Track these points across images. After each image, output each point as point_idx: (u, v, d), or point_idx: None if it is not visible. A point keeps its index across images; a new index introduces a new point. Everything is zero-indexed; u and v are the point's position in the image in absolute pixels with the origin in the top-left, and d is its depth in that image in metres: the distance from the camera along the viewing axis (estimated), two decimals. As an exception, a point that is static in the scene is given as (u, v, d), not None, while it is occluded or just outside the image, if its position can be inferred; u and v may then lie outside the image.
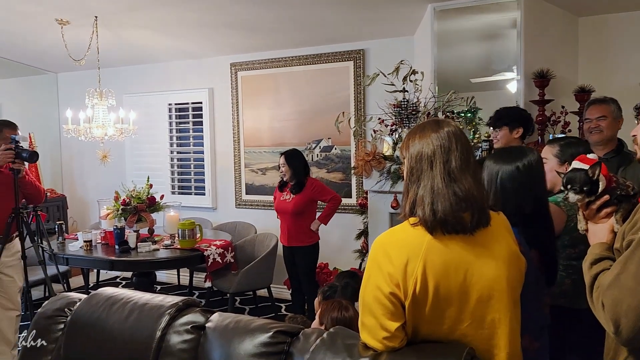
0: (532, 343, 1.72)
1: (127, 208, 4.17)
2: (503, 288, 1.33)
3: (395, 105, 3.71)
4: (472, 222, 1.30)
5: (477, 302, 1.31)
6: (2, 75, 6.08)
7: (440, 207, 1.28)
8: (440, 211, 1.28)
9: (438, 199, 1.29)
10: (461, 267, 1.30)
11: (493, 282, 1.32)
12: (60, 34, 4.43)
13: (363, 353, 1.31)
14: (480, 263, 1.31)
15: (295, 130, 5.07)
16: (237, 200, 5.45)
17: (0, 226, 3.27)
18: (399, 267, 1.27)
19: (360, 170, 3.75)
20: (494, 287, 1.32)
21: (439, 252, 1.29)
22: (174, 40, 4.91)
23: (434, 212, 1.28)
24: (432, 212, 1.28)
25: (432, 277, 1.27)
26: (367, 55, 4.71)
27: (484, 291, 1.31)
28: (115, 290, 1.85)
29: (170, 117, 5.75)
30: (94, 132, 4.36)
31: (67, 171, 6.49)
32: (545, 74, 3.54)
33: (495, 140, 3.07)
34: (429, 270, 1.27)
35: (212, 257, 3.99)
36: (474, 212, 1.31)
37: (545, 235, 1.80)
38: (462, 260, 1.30)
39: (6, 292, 3.40)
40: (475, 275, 1.30)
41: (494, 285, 1.32)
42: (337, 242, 4.80)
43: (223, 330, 1.55)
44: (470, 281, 1.30)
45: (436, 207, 1.28)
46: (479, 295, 1.31)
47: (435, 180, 1.31)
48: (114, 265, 3.90)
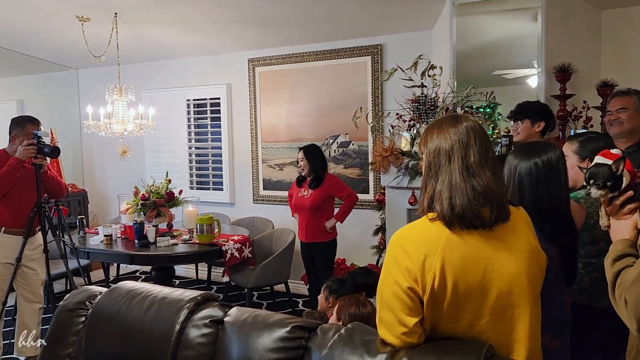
0: (552, 341, 1.70)
1: (146, 203, 4.22)
2: (523, 283, 1.31)
3: (413, 101, 3.69)
4: (491, 217, 1.29)
5: (497, 298, 1.30)
6: (24, 71, 6.19)
7: (459, 201, 1.27)
8: (458, 206, 1.27)
9: (456, 194, 1.28)
10: (480, 262, 1.28)
11: (513, 278, 1.30)
12: (81, 31, 4.49)
13: (381, 349, 1.30)
14: (499, 258, 1.30)
15: (313, 125, 5.07)
16: (255, 196, 5.47)
17: (23, 220, 3.33)
18: (417, 263, 1.27)
19: (377, 166, 3.74)
20: (514, 282, 1.30)
21: (458, 247, 1.28)
22: (192, 36, 4.93)
23: (452, 207, 1.28)
24: (450, 206, 1.28)
25: (450, 273, 1.26)
26: (385, 50, 4.68)
27: (503, 287, 1.30)
28: (135, 284, 1.87)
29: (189, 113, 5.79)
30: (113, 128, 4.41)
31: (88, 166, 6.58)
32: (566, 68, 3.48)
33: (515, 133, 3.03)
34: (447, 266, 1.26)
35: (230, 252, 4.02)
36: (493, 207, 1.29)
37: (565, 232, 1.77)
38: (481, 255, 1.29)
39: (29, 285, 3.46)
40: (494, 270, 1.29)
41: (514, 280, 1.30)
42: (354, 238, 4.79)
43: (241, 325, 1.56)
44: (489, 277, 1.29)
45: (454, 201, 1.28)
46: (499, 290, 1.29)
47: (454, 175, 1.30)
48: (134, 259, 3.94)
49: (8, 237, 3.34)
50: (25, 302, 3.48)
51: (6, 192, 3.27)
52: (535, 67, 3.62)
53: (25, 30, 4.88)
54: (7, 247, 3.33)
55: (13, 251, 3.30)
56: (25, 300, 3.48)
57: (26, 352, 3.50)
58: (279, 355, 1.45)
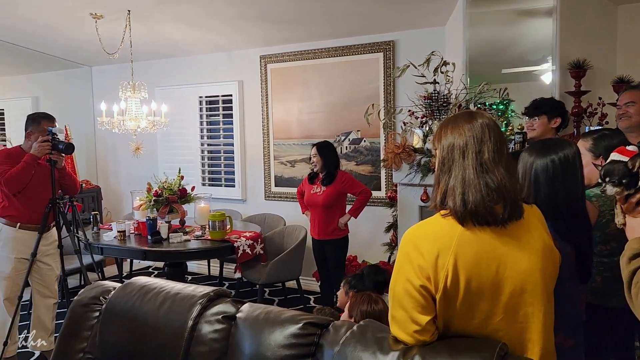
0: (566, 340, 1.69)
1: (159, 199, 4.24)
2: (537, 281, 1.30)
3: (425, 97, 3.66)
4: (504, 214, 1.28)
5: (510, 296, 1.29)
6: (39, 69, 6.25)
7: (471, 197, 1.27)
8: (471, 202, 1.26)
9: (469, 190, 1.28)
10: (493, 260, 1.27)
11: (526, 276, 1.29)
12: (95, 28, 4.52)
13: (394, 346, 1.30)
14: (513, 256, 1.29)
15: (324, 122, 5.06)
16: (267, 193, 5.49)
17: (38, 216, 3.37)
18: (429, 260, 1.26)
19: (389, 163, 3.72)
20: (527, 280, 1.29)
21: (471, 244, 1.27)
22: (204, 33, 4.95)
23: (465, 203, 1.27)
24: (463, 202, 1.27)
25: (463, 270, 1.26)
26: (397, 47, 4.66)
27: (517, 284, 1.29)
28: (148, 280, 1.89)
29: (201, 110, 5.81)
30: (127, 125, 4.44)
31: (102, 163, 6.64)
32: (581, 64, 3.44)
33: (530, 129, 3.01)
34: (460, 264, 1.25)
35: (242, 248, 4.03)
36: (506, 203, 1.28)
37: (581, 230, 1.75)
38: (494, 253, 1.28)
39: (44, 280, 3.50)
40: (507, 268, 1.28)
41: (527, 278, 1.29)
42: (366, 235, 4.79)
43: (253, 321, 1.57)
44: (502, 274, 1.28)
45: (467, 197, 1.27)
46: (512, 288, 1.28)
47: (467, 170, 1.29)
48: (147, 255, 3.98)
49: (23, 233, 3.38)
50: (40, 297, 3.52)
51: (22, 189, 3.31)
52: (549, 64, 3.58)
53: (40, 28, 4.92)
54: (23, 242, 3.37)
55: (28, 246, 3.34)
56: (40, 295, 3.52)
57: (41, 346, 3.55)
58: (291, 352, 1.45)
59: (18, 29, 4.98)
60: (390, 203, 4.48)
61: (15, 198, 3.34)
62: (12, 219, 3.36)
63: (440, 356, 1.25)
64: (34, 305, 3.53)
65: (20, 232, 3.37)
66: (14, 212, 3.35)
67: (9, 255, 3.35)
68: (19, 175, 3.24)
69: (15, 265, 3.37)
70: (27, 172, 3.27)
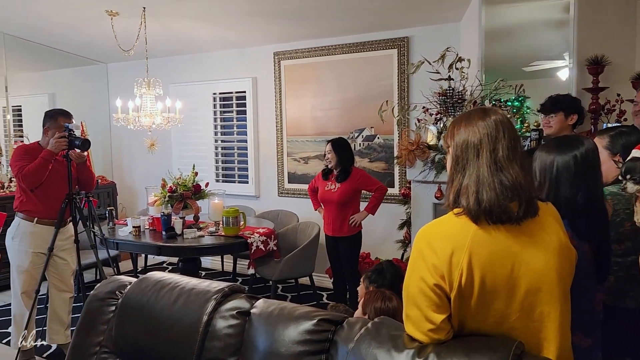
0: (583, 340, 1.67)
1: (173, 195, 4.27)
2: (553, 280, 1.29)
3: (440, 94, 3.64)
4: (519, 212, 1.27)
5: (526, 295, 1.27)
6: (56, 66, 6.31)
7: (486, 196, 1.25)
8: (485, 200, 1.25)
9: (483, 188, 1.26)
10: (508, 258, 1.26)
11: (542, 274, 1.28)
12: (110, 25, 4.56)
13: (408, 344, 1.30)
14: (528, 254, 1.28)
15: (338, 119, 5.06)
16: (280, 189, 5.50)
17: (55, 212, 3.41)
18: (443, 259, 1.25)
19: (403, 160, 3.71)
20: (543, 278, 1.28)
21: (485, 243, 1.26)
22: (218, 30, 4.96)
23: (479, 202, 1.26)
24: (477, 201, 1.26)
25: (478, 269, 1.25)
26: (412, 43, 4.63)
27: (532, 283, 1.27)
28: (163, 275, 1.90)
29: (215, 107, 5.83)
30: (142, 121, 4.48)
31: (117, 159, 6.70)
32: (600, 61, 3.39)
33: (547, 126, 2.97)
34: (474, 262, 1.24)
35: (255, 244, 4.05)
36: (522, 201, 1.27)
37: (600, 228, 1.73)
38: (508, 251, 1.27)
39: (60, 275, 3.55)
40: (522, 266, 1.27)
41: (543, 277, 1.28)
42: (379, 232, 4.78)
43: (268, 317, 1.57)
44: (517, 273, 1.26)
45: (481, 196, 1.26)
46: (527, 287, 1.27)
47: (481, 169, 1.28)
48: (162, 250, 4.01)
49: (40, 228, 3.43)
50: (56, 291, 3.57)
51: (39, 184, 3.35)
52: (566, 60, 3.53)
53: (57, 25, 4.98)
54: (40, 237, 3.42)
55: (45, 241, 3.39)
56: (57, 290, 3.57)
57: (58, 340, 3.60)
58: (305, 348, 1.45)
59: (35, 26, 5.04)
60: (403, 200, 4.46)
61: (32, 193, 3.38)
62: (29, 213, 3.41)
63: (456, 355, 1.24)
64: (51, 299, 3.58)
65: (37, 226, 3.42)
66: (31, 207, 3.40)
67: (26, 249, 3.40)
68: (36, 170, 3.28)
69: (33, 259, 3.42)
70: (45, 168, 3.31)
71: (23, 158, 3.35)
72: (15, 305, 3.50)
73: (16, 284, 3.46)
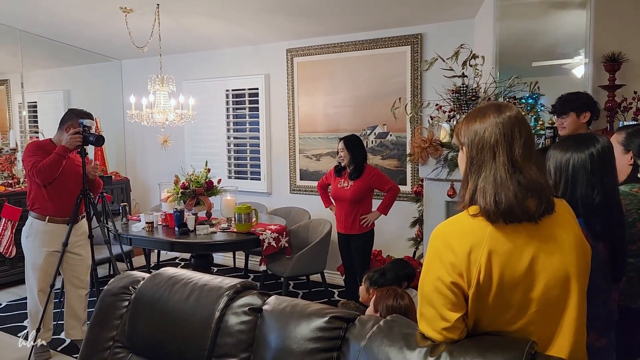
0: (598, 339, 1.65)
1: (186, 191, 4.30)
2: (570, 275, 1.28)
3: (453, 91, 3.61)
4: (539, 210, 1.25)
5: (543, 290, 1.26)
6: (71, 62, 6.37)
7: (504, 198, 1.23)
8: (504, 202, 1.23)
9: (502, 190, 1.24)
10: (526, 254, 1.25)
11: (559, 270, 1.27)
12: (124, 22, 4.59)
13: (421, 343, 1.29)
14: (546, 250, 1.27)
15: (350, 116, 5.05)
16: (292, 186, 5.50)
17: (66, 209, 3.45)
18: (461, 256, 1.24)
19: (416, 157, 3.69)
20: (560, 274, 1.27)
21: (503, 239, 1.25)
22: (231, 26, 4.97)
23: (497, 203, 1.24)
24: (495, 202, 1.24)
25: (496, 265, 1.24)
26: (425, 40, 4.60)
27: (550, 279, 1.26)
28: (176, 271, 1.91)
29: (227, 103, 5.85)
30: (155, 118, 4.50)
31: (130, 155, 6.75)
32: (616, 57, 3.34)
33: (561, 127, 2.94)
34: (493, 258, 1.24)
35: (267, 241, 4.06)
36: (541, 200, 1.25)
37: (615, 227, 1.70)
38: (526, 247, 1.26)
39: (75, 271, 3.60)
40: (540, 262, 1.26)
41: (560, 273, 1.27)
42: (391, 229, 4.76)
43: (280, 314, 1.57)
44: (535, 268, 1.25)
45: (499, 198, 1.24)
46: (545, 282, 1.26)
47: (499, 171, 1.26)
48: (174, 246, 4.03)
49: (53, 226, 3.45)
50: (72, 288, 3.62)
51: (52, 180, 3.38)
52: (582, 56, 3.49)
53: (72, 22, 5.02)
54: (52, 235, 3.45)
55: (58, 239, 3.42)
56: (73, 286, 3.61)
57: (74, 335, 3.65)
58: (317, 345, 1.46)
59: (50, 23, 5.09)
60: (416, 198, 4.44)
61: (43, 192, 3.41)
62: (41, 212, 3.44)
63: (469, 354, 1.23)
64: (67, 295, 3.62)
65: (49, 225, 3.44)
66: (42, 206, 3.43)
67: (40, 248, 3.45)
68: (50, 166, 3.31)
69: (47, 257, 3.46)
70: (59, 163, 3.34)
71: (36, 154, 3.37)
72: (30, 302, 3.55)
73: (31, 281, 3.50)
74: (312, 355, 1.45)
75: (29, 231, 3.47)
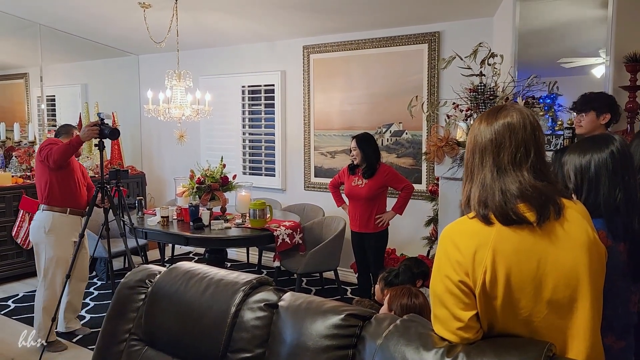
0: (616, 342, 1.63)
1: (201, 187, 4.32)
2: (582, 277, 1.25)
3: (471, 90, 3.58)
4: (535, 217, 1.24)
5: (553, 292, 1.25)
6: (89, 56, 6.44)
7: (490, 203, 1.26)
8: (490, 207, 1.26)
9: (487, 195, 1.27)
10: (533, 256, 1.24)
11: (570, 271, 1.25)
12: (143, 17, 4.62)
13: (438, 343, 1.28)
14: (554, 251, 1.25)
15: (366, 113, 5.03)
16: (306, 183, 5.50)
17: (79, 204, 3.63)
18: (467, 256, 1.25)
19: (432, 156, 3.67)
20: (571, 276, 1.25)
21: (509, 240, 1.24)
22: (248, 23, 4.98)
23: (485, 208, 1.27)
24: (484, 207, 1.27)
25: (502, 267, 1.23)
26: (443, 38, 4.57)
27: (559, 280, 1.24)
28: (192, 265, 1.92)
29: (243, 99, 5.87)
30: (172, 113, 4.52)
31: (146, 149, 6.80)
32: (638, 58, 3.29)
33: (578, 125, 2.90)
34: (498, 260, 1.23)
35: (281, 237, 4.07)
36: (532, 205, 1.25)
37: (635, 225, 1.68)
38: (534, 248, 1.24)
39: (81, 264, 3.73)
40: (549, 264, 1.24)
41: (571, 274, 1.25)
42: (406, 228, 4.75)
43: (295, 310, 1.57)
44: (544, 270, 1.24)
45: (486, 203, 1.27)
46: (555, 284, 1.24)
47: (486, 176, 1.29)
48: (189, 241, 4.06)
49: (72, 218, 3.62)
50: (75, 281, 3.74)
51: (62, 165, 3.49)
52: (602, 57, 3.44)
53: (91, 17, 5.07)
54: (73, 226, 3.62)
55: (77, 230, 3.58)
56: (76, 280, 3.73)
57: (73, 326, 3.82)
58: (333, 342, 1.45)
59: (70, 18, 5.14)
60: (431, 197, 4.42)
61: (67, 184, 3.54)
62: (62, 204, 3.56)
63: (486, 355, 1.22)
64: (69, 289, 3.69)
65: (70, 217, 3.60)
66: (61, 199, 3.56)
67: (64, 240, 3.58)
68: (65, 151, 3.44)
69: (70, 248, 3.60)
70: (73, 151, 3.47)
71: (50, 143, 3.53)
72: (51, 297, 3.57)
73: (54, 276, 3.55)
74: (327, 352, 1.45)
75: (51, 225, 3.52)
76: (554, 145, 3.29)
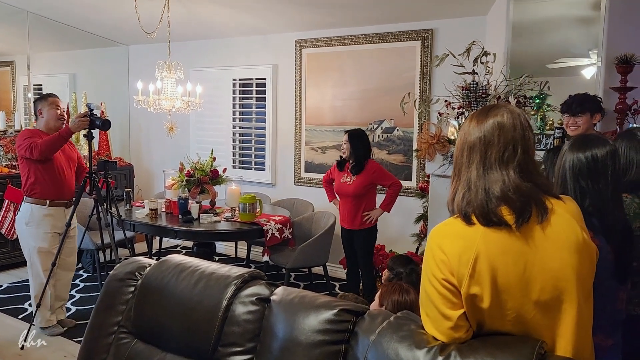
0: (604, 340, 1.65)
1: (191, 179, 4.29)
2: (570, 278, 1.26)
3: (463, 88, 3.60)
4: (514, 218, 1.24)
5: (540, 293, 1.25)
6: (77, 46, 6.34)
7: (474, 202, 1.27)
8: (472, 207, 1.27)
9: (471, 195, 1.28)
10: (520, 257, 1.24)
11: (558, 272, 1.25)
12: (134, 7, 4.55)
13: (431, 342, 1.29)
14: (542, 253, 1.25)
15: (358, 109, 5.02)
16: (296, 178, 5.49)
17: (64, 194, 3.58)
18: (452, 257, 1.25)
19: (423, 153, 3.68)
20: (559, 277, 1.25)
21: (495, 242, 1.24)
22: (241, 15, 4.94)
23: (467, 208, 1.27)
24: (467, 205, 1.28)
25: (487, 268, 1.23)
26: (436, 35, 4.57)
27: (547, 282, 1.25)
28: (183, 258, 1.90)
29: (234, 92, 5.82)
30: (162, 104, 4.48)
31: (135, 141, 6.73)
32: (629, 60, 3.32)
33: (574, 127, 2.92)
34: (483, 261, 1.23)
35: (270, 231, 4.05)
36: (513, 206, 1.24)
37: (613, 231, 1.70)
38: (520, 250, 1.24)
39: (68, 255, 3.71)
40: (536, 265, 1.24)
41: (559, 275, 1.25)
42: (395, 225, 4.76)
43: (288, 305, 1.57)
44: (531, 272, 1.24)
45: (471, 202, 1.27)
46: (542, 285, 1.25)
47: (472, 175, 1.29)
48: (177, 234, 4.03)
49: (53, 210, 3.54)
50: (62, 272, 3.71)
51: (50, 157, 3.42)
52: (592, 58, 3.47)
53: (80, 5, 4.99)
54: (54, 218, 3.55)
55: (59, 222, 3.54)
56: (63, 270, 3.70)
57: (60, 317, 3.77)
58: (325, 337, 1.45)
59: (59, 6, 5.06)
60: (421, 194, 4.43)
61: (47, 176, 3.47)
62: (41, 197, 3.49)
63: (478, 353, 1.23)
64: (56, 280, 3.65)
65: (50, 209, 3.53)
66: (42, 190, 3.49)
67: (44, 231, 3.52)
68: (53, 143, 3.36)
69: (50, 240, 3.55)
70: (61, 143, 3.41)
71: (31, 136, 3.43)
72: (37, 286, 3.56)
73: (37, 265, 3.53)
74: (320, 347, 1.44)
75: (29, 218, 3.48)
76: (544, 145, 3.31)
